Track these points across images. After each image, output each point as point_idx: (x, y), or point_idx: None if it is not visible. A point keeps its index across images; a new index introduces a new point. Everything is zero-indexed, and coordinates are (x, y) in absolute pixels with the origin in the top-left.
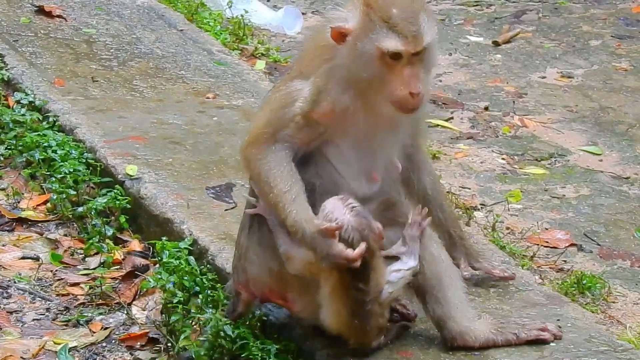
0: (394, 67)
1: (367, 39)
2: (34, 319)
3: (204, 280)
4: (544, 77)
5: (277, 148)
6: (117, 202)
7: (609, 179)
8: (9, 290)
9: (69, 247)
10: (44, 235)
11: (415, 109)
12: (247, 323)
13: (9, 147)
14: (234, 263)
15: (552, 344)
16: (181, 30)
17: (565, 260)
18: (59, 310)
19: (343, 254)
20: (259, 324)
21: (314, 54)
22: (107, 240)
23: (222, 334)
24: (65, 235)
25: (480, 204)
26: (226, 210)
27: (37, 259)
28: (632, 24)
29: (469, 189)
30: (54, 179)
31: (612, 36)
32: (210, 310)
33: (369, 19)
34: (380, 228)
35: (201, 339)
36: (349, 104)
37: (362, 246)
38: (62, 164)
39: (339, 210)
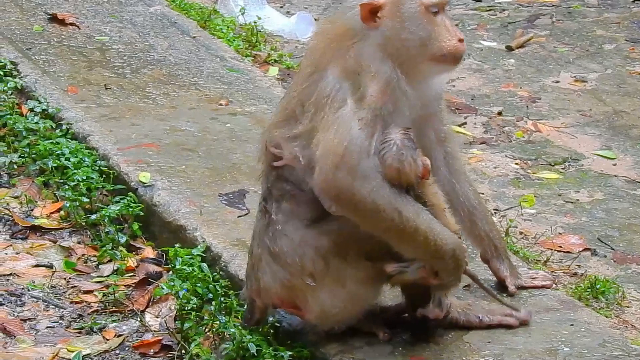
0: (435, 21)
1: (408, 1)
2: (47, 327)
3: (217, 287)
4: (557, 82)
5: (370, 165)
6: (130, 209)
7: (623, 183)
8: (22, 298)
9: (82, 255)
10: (57, 243)
11: (462, 58)
12: (260, 330)
13: (22, 155)
14: (247, 271)
15: (565, 349)
16: (194, 37)
17: (579, 265)
18: (73, 318)
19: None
20: (272, 330)
21: (330, 44)
22: (121, 248)
23: (243, 345)
24: (79, 242)
25: (494, 209)
26: (239, 216)
27: (50, 266)
28: None
29: (483, 194)
30: (67, 187)
31: (626, 40)
32: (224, 317)
33: None
34: (427, 163)
35: (224, 346)
36: (393, 74)
37: None
38: (75, 171)
39: (395, 131)
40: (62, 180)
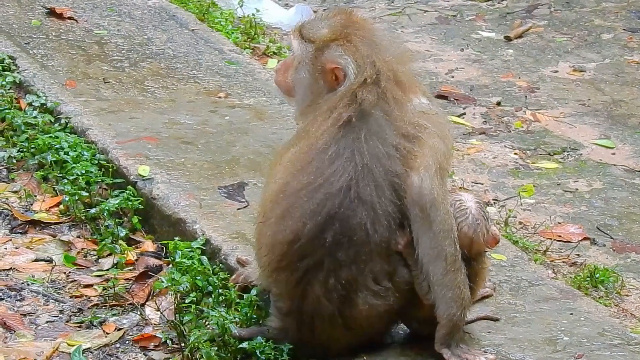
0: None
1: None
2: (47, 321)
3: (217, 279)
4: (556, 72)
5: None
6: (130, 203)
7: (622, 172)
8: (22, 293)
9: (82, 249)
10: (57, 237)
11: None
12: (260, 322)
13: (21, 150)
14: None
15: (565, 338)
16: (192, 30)
17: (578, 254)
18: (73, 312)
19: None
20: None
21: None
22: (120, 241)
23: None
24: (78, 236)
25: (493, 199)
26: (238, 209)
27: (50, 261)
28: None
29: (482, 184)
30: (66, 181)
31: (624, 29)
32: (223, 309)
33: None
34: (497, 234)
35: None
36: None
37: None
38: (74, 165)
39: (468, 198)
40: (61, 175)
